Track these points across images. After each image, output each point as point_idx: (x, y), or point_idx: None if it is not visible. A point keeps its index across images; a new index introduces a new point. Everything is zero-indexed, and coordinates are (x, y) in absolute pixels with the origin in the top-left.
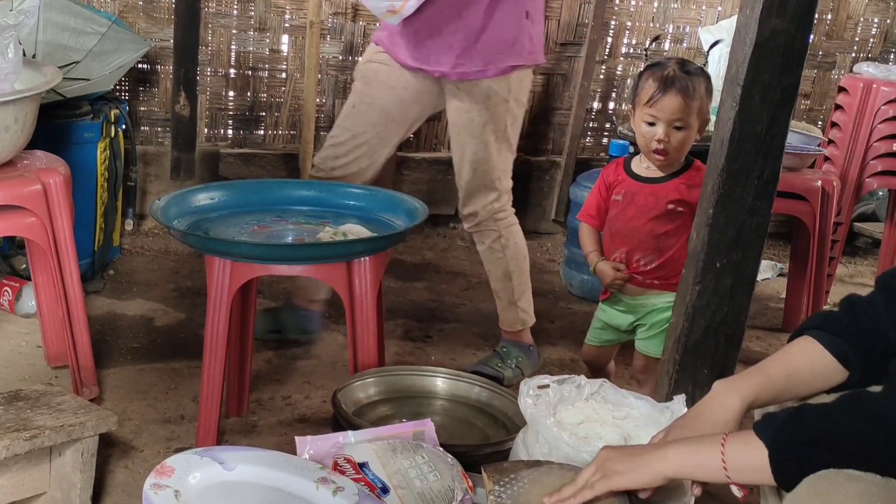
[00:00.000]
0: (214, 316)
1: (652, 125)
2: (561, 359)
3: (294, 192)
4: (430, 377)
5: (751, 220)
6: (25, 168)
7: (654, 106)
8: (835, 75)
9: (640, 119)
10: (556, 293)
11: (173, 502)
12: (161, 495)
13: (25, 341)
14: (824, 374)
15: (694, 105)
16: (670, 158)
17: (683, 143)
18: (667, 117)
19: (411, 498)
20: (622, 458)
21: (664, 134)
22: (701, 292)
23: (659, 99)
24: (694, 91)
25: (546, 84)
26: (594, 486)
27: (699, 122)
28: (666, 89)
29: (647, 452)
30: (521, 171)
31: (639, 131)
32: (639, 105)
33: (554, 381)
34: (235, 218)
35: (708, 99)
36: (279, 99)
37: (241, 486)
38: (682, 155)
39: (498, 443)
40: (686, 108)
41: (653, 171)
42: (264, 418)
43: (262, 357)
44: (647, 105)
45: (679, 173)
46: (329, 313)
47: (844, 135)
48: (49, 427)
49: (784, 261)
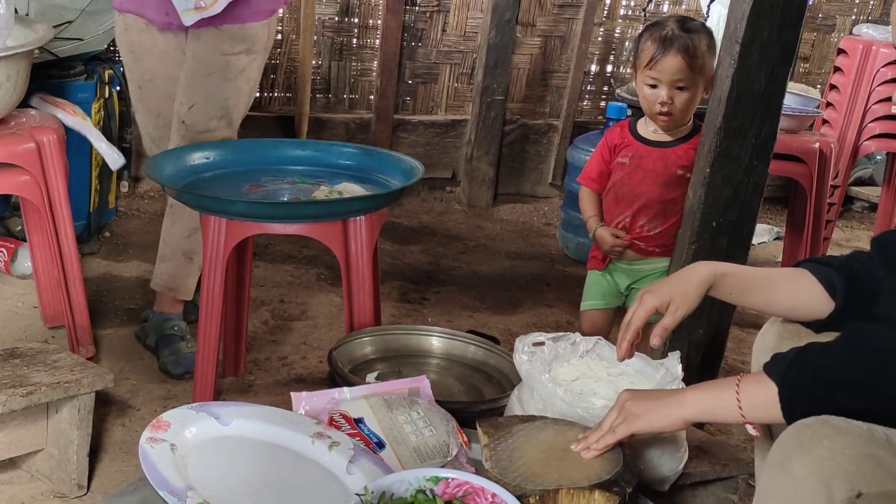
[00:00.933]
0: (210, 275)
1: (654, 87)
2: (557, 321)
3: (289, 151)
4: (426, 336)
5: (748, 179)
6: (19, 126)
7: (654, 67)
8: (834, 38)
9: (642, 82)
10: (553, 256)
11: (169, 456)
12: (157, 449)
13: (22, 302)
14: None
15: (696, 64)
16: (675, 120)
17: (688, 104)
18: (668, 78)
19: (407, 452)
20: (642, 402)
21: (667, 96)
22: (697, 252)
23: (659, 60)
24: (695, 49)
25: (544, 46)
26: (616, 429)
27: (704, 80)
28: (666, 49)
29: (666, 397)
30: (519, 135)
31: (642, 94)
32: (640, 67)
33: (549, 338)
34: (230, 177)
35: (711, 56)
36: (275, 61)
37: (237, 440)
38: (687, 116)
39: (493, 399)
40: (688, 68)
41: (661, 135)
42: (261, 378)
43: (259, 318)
44: (647, 67)
45: (687, 138)
46: (325, 275)
47: (843, 97)
48: (45, 384)
49: (781, 225)
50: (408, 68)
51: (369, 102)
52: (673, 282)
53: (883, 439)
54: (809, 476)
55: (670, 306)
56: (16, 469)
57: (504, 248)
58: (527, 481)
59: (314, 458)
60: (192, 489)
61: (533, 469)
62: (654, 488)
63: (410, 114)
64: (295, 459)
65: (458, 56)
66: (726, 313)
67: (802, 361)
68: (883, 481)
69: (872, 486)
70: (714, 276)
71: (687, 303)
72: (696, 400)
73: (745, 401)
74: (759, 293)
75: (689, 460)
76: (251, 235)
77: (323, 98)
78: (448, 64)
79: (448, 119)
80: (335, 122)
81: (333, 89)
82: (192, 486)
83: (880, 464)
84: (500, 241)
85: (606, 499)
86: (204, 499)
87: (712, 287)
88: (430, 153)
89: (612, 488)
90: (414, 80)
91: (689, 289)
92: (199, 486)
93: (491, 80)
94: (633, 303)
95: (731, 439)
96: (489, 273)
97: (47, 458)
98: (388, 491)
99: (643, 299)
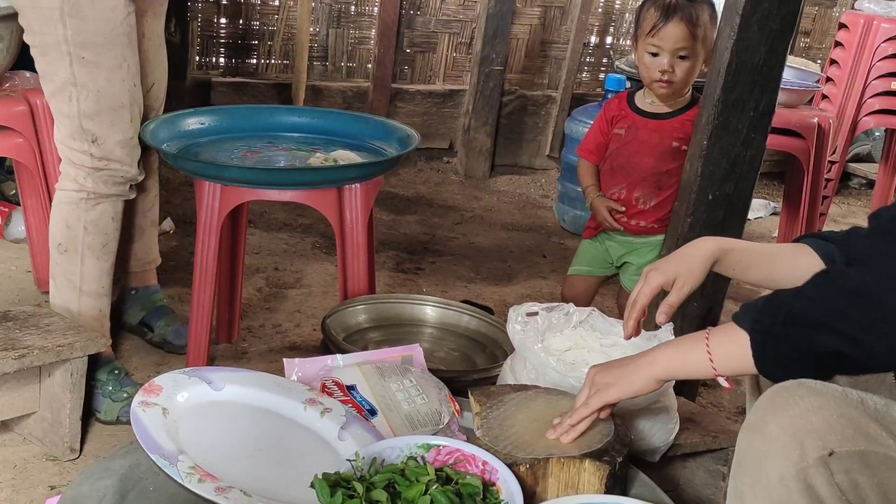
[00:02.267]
0: (204, 240)
1: (655, 55)
2: (552, 293)
3: (285, 118)
4: (420, 305)
5: (745, 152)
6: (12, 88)
7: (656, 35)
8: (836, 12)
9: (643, 50)
10: (549, 228)
11: (161, 420)
12: (149, 413)
13: (15, 266)
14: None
15: (698, 33)
16: (675, 89)
17: (688, 73)
18: (670, 46)
19: (399, 420)
20: (611, 371)
21: (668, 64)
22: (692, 224)
23: (661, 27)
24: (698, 18)
25: (543, 17)
26: (589, 402)
27: (704, 51)
28: (668, 17)
29: (635, 360)
30: (517, 106)
31: (642, 63)
32: (641, 36)
33: (543, 308)
34: (225, 143)
35: (713, 26)
36: (272, 27)
37: (229, 405)
38: (686, 86)
39: (486, 369)
40: (690, 37)
41: (657, 107)
42: (254, 345)
43: (253, 286)
44: (649, 35)
45: (684, 110)
46: (320, 243)
47: (843, 72)
48: (38, 347)
49: (778, 200)
50: (406, 37)
51: (367, 71)
52: (678, 258)
53: (857, 401)
54: (783, 435)
55: (676, 282)
56: (8, 432)
57: (500, 220)
58: (517, 449)
59: (306, 425)
60: (183, 453)
61: (524, 438)
62: (645, 459)
63: (408, 83)
64: (287, 425)
65: (457, 25)
66: (720, 286)
67: (774, 305)
68: (855, 440)
69: (844, 445)
70: (719, 251)
71: (693, 279)
72: (665, 357)
73: (715, 353)
74: (761, 269)
75: (680, 432)
76: (246, 202)
77: (320, 66)
78: (447, 33)
79: (446, 89)
80: (332, 91)
81: (331, 57)
82: (183, 450)
83: (852, 424)
84: (496, 212)
85: (596, 468)
86: (195, 463)
87: (717, 262)
88: (427, 123)
89: (602, 458)
90: (412, 49)
91: (695, 264)
92: (191, 450)
93: (490, 50)
94: (639, 281)
95: (723, 412)
96: (485, 244)
97: (40, 422)
98: (380, 457)
99: (648, 276)
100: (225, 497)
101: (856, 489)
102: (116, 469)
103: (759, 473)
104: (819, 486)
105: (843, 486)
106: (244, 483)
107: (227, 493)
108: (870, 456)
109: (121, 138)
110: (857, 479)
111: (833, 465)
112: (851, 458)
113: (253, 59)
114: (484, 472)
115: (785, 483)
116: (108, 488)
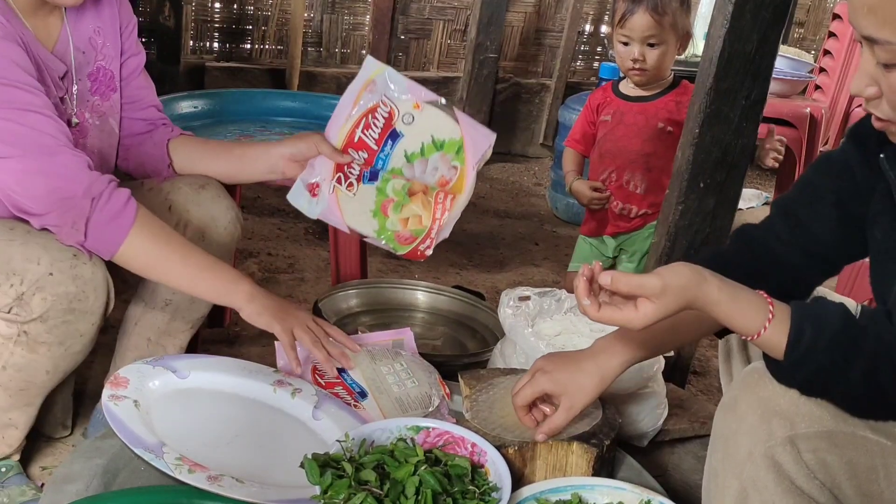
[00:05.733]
0: None
1: (626, 45)
2: (543, 280)
3: (278, 102)
4: (412, 290)
5: (736, 140)
6: None
7: (625, 25)
8: (830, 4)
9: (616, 40)
10: (542, 216)
11: (135, 412)
12: (122, 406)
13: None
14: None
15: (665, 21)
16: (649, 76)
17: (660, 60)
18: (638, 35)
19: (389, 403)
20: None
21: (639, 53)
22: (684, 212)
23: (629, 18)
24: (664, 7)
25: (538, 5)
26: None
27: (675, 37)
28: (634, 8)
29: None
30: (511, 94)
31: (616, 52)
32: (614, 26)
33: (535, 293)
34: (219, 127)
35: (684, 13)
36: (266, 12)
37: (198, 392)
38: (662, 73)
39: (476, 353)
40: (657, 25)
41: (641, 90)
42: (246, 329)
43: (246, 270)
44: (619, 25)
45: (667, 91)
46: (313, 229)
47: (836, 63)
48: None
49: (770, 190)
50: (401, 23)
51: (361, 57)
52: (573, 369)
53: None
54: (752, 414)
55: (563, 401)
56: None
57: (493, 207)
58: (506, 432)
59: (278, 406)
60: (165, 444)
61: (512, 420)
62: (633, 443)
63: (403, 70)
64: (259, 408)
65: (452, 12)
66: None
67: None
68: (821, 420)
69: (811, 427)
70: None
71: (584, 399)
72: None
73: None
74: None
75: (668, 418)
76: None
77: (314, 52)
78: (441, 20)
79: (440, 76)
80: (326, 77)
81: (325, 43)
82: (164, 442)
83: (818, 405)
84: (489, 199)
85: (584, 451)
86: (180, 453)
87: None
88: None
89: (590, 440)
90: (407, 36)
91: (589, 385)
92: (169, 440)
93: (484, 37)
94: (526, 374)
95: (712, 399)
96: (477, 231)
97: None
98: (369, 439)
99: (536, 378)
100: (219, 485)
101: (825, 467)
102: (107, 449)
103: (730, 450)
104: (786, 464)
105: (811, 464)
106: (230, 469)
107: (220, 480)
108: (836, 435)
109: None
110: (825, 458)
111: (800, 445)
112: (819, 438)
113: (247, 45)
114: (473, 455)
115: (753, 460)
116: (98, 467)
